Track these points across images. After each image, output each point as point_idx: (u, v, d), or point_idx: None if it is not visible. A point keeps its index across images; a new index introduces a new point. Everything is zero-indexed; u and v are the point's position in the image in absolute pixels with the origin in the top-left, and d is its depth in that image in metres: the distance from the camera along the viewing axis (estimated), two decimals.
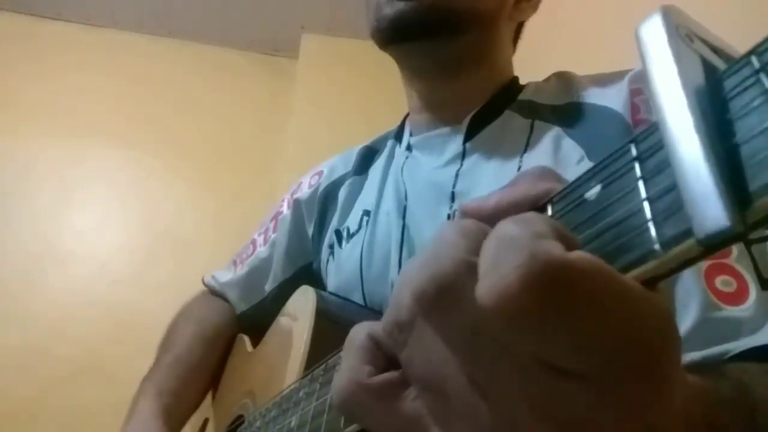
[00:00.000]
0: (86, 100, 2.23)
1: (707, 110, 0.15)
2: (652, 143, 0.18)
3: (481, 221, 0.21)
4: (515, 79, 0.67)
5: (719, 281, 0.41)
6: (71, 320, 1.92)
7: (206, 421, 0.80)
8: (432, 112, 0.66)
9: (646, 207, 0.17)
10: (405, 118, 0.73)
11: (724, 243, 0.14)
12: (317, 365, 0.43)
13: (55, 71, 2.25)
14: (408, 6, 0.56)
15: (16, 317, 1.90)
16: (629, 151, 0.19)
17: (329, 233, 0.71)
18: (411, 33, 0.58)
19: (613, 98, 0.54)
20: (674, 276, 0.43)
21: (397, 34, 0.58)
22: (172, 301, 0.83)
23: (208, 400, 0.80)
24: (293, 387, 0.48)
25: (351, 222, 0.68)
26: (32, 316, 1.91)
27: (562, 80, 0.63)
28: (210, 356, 0.76)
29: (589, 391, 0.17)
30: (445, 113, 0.64)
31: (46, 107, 2.19)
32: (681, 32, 0.17)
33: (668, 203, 0.16)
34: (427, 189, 0.61)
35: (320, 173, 0.78)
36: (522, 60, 0.73)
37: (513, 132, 0.60)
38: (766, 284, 0.40)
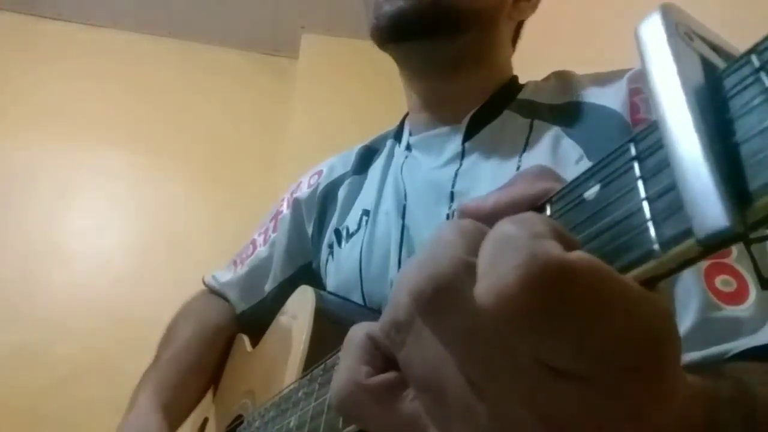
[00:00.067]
0: (86, 100, 2.23)
1: (707, 109, 0.15)
2: (652, 142, 0.18)
3: (480, 221, 0.21)
4: (514, 79, 0.67)
5: (719, 281, 0.41)
6: (72, 319, 1.92)
7: (206, 421, 0.80)
8: (431, 112, 0.66)
9: (646, 207, 0.17)
10: (404, 118, 0.73)
11: (724, 243, 0.14)
12: (316, 365, 0.43)
13: (55, 71, 2.25)
14: (408, 4, 0.56)
15: (17, 316, 1.90)
16: (628, 151, 0.19)
17: (328, 233, 0.71)
18: (410, 31, 0.58)
19: (613, 98, 0.53)
20: (674, 276, 0.43)
21: (397, 32, 0.58)
22: (172, 300, 0.83)
23: (208, 400, 0.80)
24: (292, 387, 0.48)
25: (350, 221, 0.68)
26: (33, 315, 1.91)
27: (562, 79, 0.63)
28: (209, 354, 0.76)
29: (589, 392, 0.17)
30: (445, 113, 0.64)
31: (47, 107, 2.18)
32: (680, 31, 0.17)
33: (668, 203, 0.16)
34: (427, 189, 0.61)
35: (320, 173, 0.78)
36: (522, 59, 0.73)
37: (512, 131, 0.59)
38: (766, 284, 0.40)
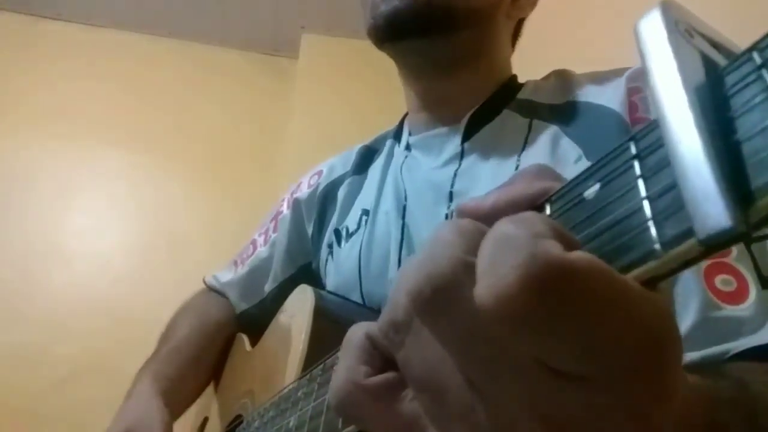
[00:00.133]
0: (86, 100, 2.23)
1: (708, 107, 0.15)
2: (652, 141, 0.18)
3: (479, 221, 0.21)
4: (514, 78, 0.67)
5: (719, 280, 0.41)
6: (72, 319, 1.92)
7: (206, 420, 0.80)
8: (430, 111, 0.66)
9: (646, 206, 0.17)
10: (404, 118, 0.73)
11: (726, 243, 0.14)
12: (316, 365, 0.42)
13: (55, 71, 2.25)
14: (403, 3, 0.56)
15: (17, 316, 1.90)
16: (628, 149, 0.18)
17: (328, 233, 0.71)
18: (406, 30, 0.58)
19: (611, 97, 0.53)
20: (672, 277, 0.43)
21: (393, 31, 0.58)
22: (172, 300, 0.83)
23: (207, 400, 0.80)
24: (292, 387, 0.48)
25: (350, 221, 0.68)
26: (33, 315, 1.91)
27: (561, 79, 0.63)
28: (209, 349, 0.76)
29: (589, 393, 0.17)
30: (443, 112, 0.64)
31: (47, 107, 2.18)
32: (681, 28, 0.17)
33: (668, 202, 0.16)
34: (426, 189, 0.61)
35: (320, 173, 0.78)
36: (522, 59, 0.73)
37: (511, 131, 0.59)
38: (767, 283, 0.40)
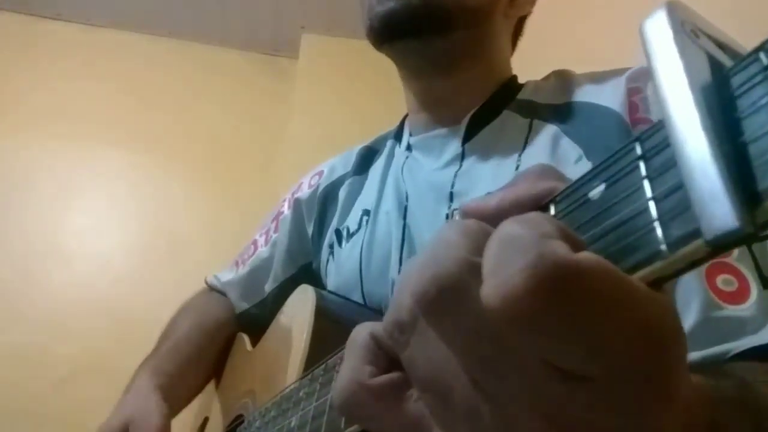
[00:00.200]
0: (86, 100, 2.23)
1: (714, 108, 0.15)
2: (658, 141, 0.17)
3: (483, 221, 0.21)
4: (514, 78, 0.67)
5: (720, 280, 0.41)
6: (72, 319, 1.92)
7: (206, 420, 0.80)
8: (429, 112, 0.66)
9: (652, 207, 0.17)
10: (404, 119, 0.73)
11: (734, 244, 0.14)
12: (317, 365, 0.42)
13: (55, 71, 2.25)
14: (398, 4, 0.57)
15: (17, 316, 1.90)
16: (634, 150, 0.18)
17: (329, 233, 0.71)
18: (402, 30, 0.59)
19: (611, 97, 0.53)
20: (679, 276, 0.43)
21: (389, 32, 0.59)
22: (172, 300, 0.83)
23: (208, 399, 0.80)
24: (293, 387, 0.48)
25: (351, 221, 0.68)
26: (33, 315, 1.91)
27: (561, 79, 0.63)
28: (209, 347, 0.76)
29: (596, 394, 0.17)
30: (443, 112, 0.64)
31: (47, 107, 2.18)
32: (686, 28, 0.17)
33: (675, 203, 0.16)
34: (427, 190, 0.61)
35: (320, 173, 0.78)
36: (522, 59, 0.73)
37: (511, 131, 0.59)
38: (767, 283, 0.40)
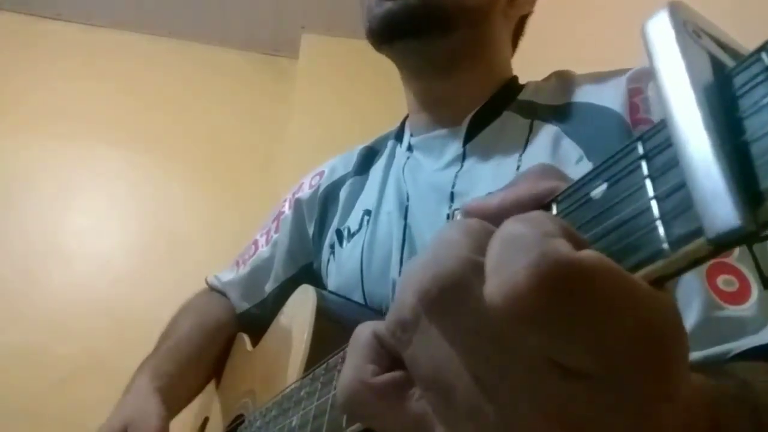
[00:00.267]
0: (86, 100, 2.23)
1: (716, 107, 0.15)
2: (660, 141, 0.18)
3: (485, 221, 0.21)
4: (514, 79, 0.67)
5: (721, 280, 0.41)
6: (72, 319, 1.92)
7: (206, 420, 0.80)
8: (430, 112, 0.66)
9: (654, 206, 0.17)
10: (405, 119, 0.73)
11: (736, 242, 0.14)
12: (318, 364, 0.42)
13: (55, 71, 2.25)
14: (396, 5, 0.57)
15: (17, 316, 1.90)
16: (636, 149, 0.19)
17: (330, 233, 0.71)
18: (401, 31, 0.59)
19: (612, 98, 0.54)
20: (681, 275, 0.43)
21: (389, 33, 0.59)
22: (172, 300, 0.83)
23: (208, 400, 0.80)
24: (294, 386, 0.48)
25: (352, 222, 0.68)
26: (33, 315, 1.91)
27: (562, 80, 0.63)
28: (209, 347, 0.76)
29: (598, 391, 0.17)
30: (443, 113, 0.65)
31: (47, 107, 2.18)
32: (689, 28, 0.17)
33: (677, 202, 0.16)
34: (428, 190, 0.62)
35: (321, 173, 0.79)
36: (522, 59, 0.73)
37: (512, 132, 0.60)
38: None
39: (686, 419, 0.21)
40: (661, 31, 0.17)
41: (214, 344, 0.77)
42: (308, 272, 0.75)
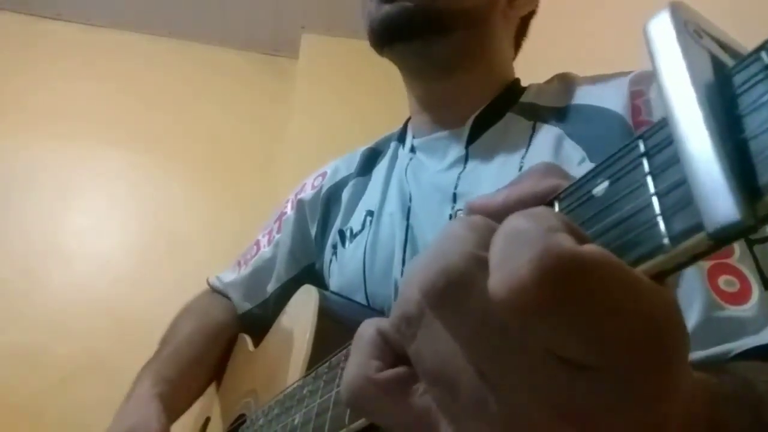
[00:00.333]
0: (86, 100, 2.23)
1: (716, 106, 0.15)
2: (661, 139, 0.18)
3: (488, 218, 0.21)
4: (517, 81, 0.67)
5: (722, 281, 0.41)
6: (72, 319, 1.92)
7: (208, 420, 0.80)
8: (431, 113, 0.66)
9: (655, 202, 0.17)
10: (407, 121, 0.73)
11: (735, 236, 0.15)
12: (321, 363, 0.43)
13: (55, 71, 2.25)
14: (393, 8, 0.58)
15: (17, 316, 1.90)
16: (637, 148, 0.19)
17: (332, 233, 0.71)
18: (400, 32, 0.60)
19: (614, 100, 0.54)
20: (677, 276, 0.43)
21: (388, 35, 0.60)
22: (172, 300, 0.83)
23: (209, 400, 0.80)
24: (296, 385, 0.48)
25: (354, 222, 0.69)
26: (33, 315, 1.91)
27: (564, 82, 0.63)
28: (211, 350, 0.76)
29: (598, 383, 0.17)
30: (445, 115, 0.65)
31: (47, 107, 2.18)
32: (689, 28, 0.17)
33: (677, 198, 0.16)
34: (431, 191, 0.62)
35: (324, 174, 0.79)
36: (523, 60, 0.73)
37: (515, 134, 0.60)
38: None
39: (687, 414, 0.21)
40: (663, 31, 0.17)
41: (216, 346, 0.77)
42: (310, 273, 0.76)
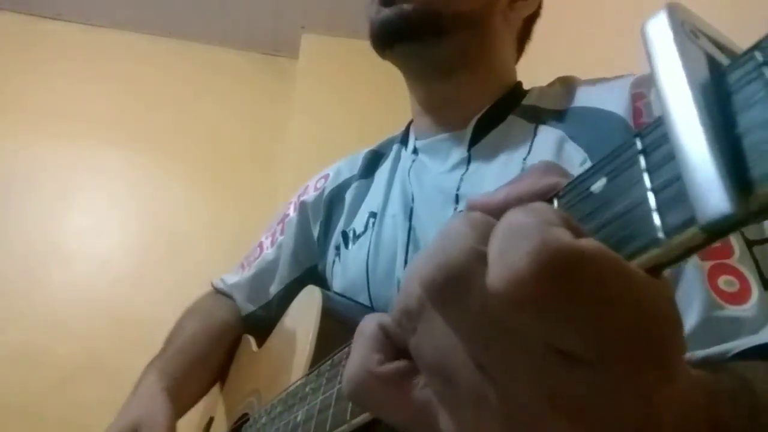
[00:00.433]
0: (86, 100, 2.23)
1: (712, 103, 0.16)
2: (657, 137, 0.18)
3: (489, 215, 0.22)
4: (519, 84, 0.68)
5: (722, 281, 0.41)
6: (72, 319, 1.92)
7: (211, 420, 0.80)
8: (433, 115, 0.67)
9: (651, 197, 0.17)
10: (410, 124, 0.74)
11: (728, 229, 0.15)
12: (323, 361, 0.43)
13: (55, 71, 2.25)
14: (392, 11, 0.59)
15: (17, 316, 1.90)
16: (634, 145, 0.19)
17: (336, 235, 0.72)
18: (400, 35, 0.61)
19: (616, 102, 0.54)
20: (677, 276, 0.43)
21: (389, 38, 0.61)
22: (172, 300, 0.83)
23: (213, 400, 0.81)
24: (299, 383, 0.48)
25: (357, 224, 0.69)
26: (33, 315, 1.91)
27: (566, 85, 0.64)
28: (215, 350, 0.76)
29: (595, 374, 0.17)
30: (446, 117, 0.65)
31: (47, 107, 2.19)
32: (686, 29, 0.17)
33: (672, 193, 0.17)
34: (434, 192, 0.62)
35: (326, 176, 0.79)
36: (523, 61, 0.73)
37: (517, 136, 0.60)
38: None
39: (684, 408, 0.21)
40: (660, 32, 0.18)
41: (220, 347, 0.77)
42: (313, 274, 0.76)
